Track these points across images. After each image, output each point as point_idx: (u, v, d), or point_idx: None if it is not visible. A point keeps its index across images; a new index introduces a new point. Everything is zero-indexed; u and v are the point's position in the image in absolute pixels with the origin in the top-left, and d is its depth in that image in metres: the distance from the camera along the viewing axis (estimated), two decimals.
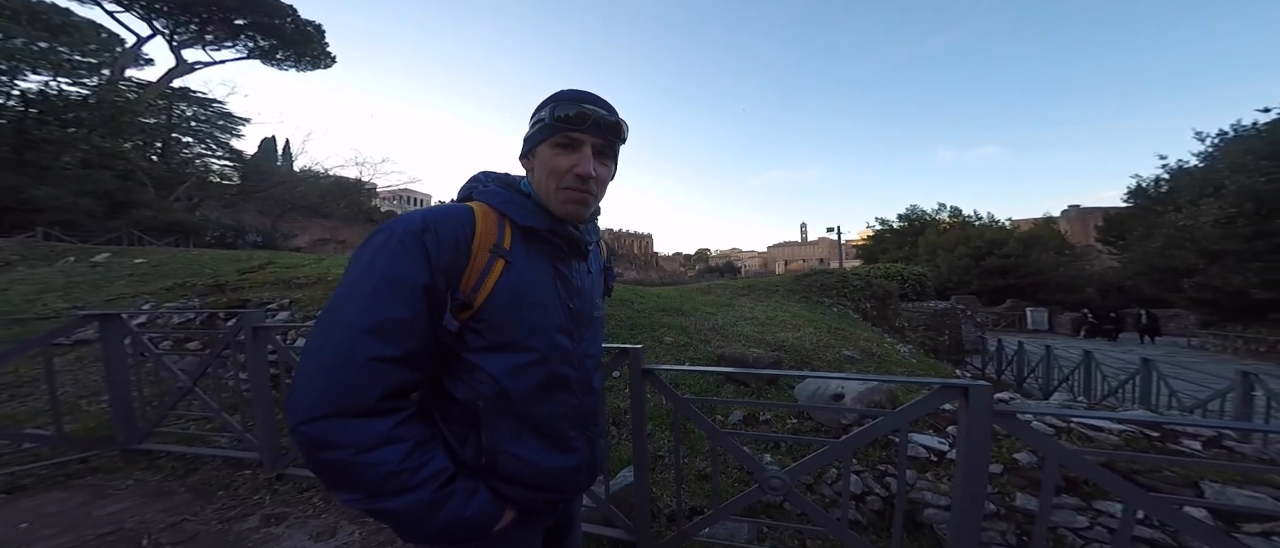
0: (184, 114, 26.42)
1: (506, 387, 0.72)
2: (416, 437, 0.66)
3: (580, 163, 0.75)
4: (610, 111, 0.78)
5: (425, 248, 0.67)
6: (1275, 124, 14.69)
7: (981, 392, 1.31)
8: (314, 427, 0.61)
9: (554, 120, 0.76)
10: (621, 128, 0.79)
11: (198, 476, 2.60)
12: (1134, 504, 1.22)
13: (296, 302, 5.23)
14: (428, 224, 0.69)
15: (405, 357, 0.65)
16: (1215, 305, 16.31)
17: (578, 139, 0.75)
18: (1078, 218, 43.55)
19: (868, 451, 2.28)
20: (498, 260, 0.73)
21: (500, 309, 0.72)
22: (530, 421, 0.75)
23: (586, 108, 0.75)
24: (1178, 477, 1.76)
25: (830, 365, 4.06)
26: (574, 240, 0.81)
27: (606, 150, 0.79)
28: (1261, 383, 3.86)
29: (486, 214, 0.76)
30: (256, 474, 2.54)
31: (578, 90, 0.79)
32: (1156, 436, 1.99)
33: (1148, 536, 1.61)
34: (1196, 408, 4.80)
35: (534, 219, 0.77)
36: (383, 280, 0.65)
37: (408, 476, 0.64)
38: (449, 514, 0.66)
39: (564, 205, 0.78)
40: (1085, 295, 25.10)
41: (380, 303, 0.64)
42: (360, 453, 0.62)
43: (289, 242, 28.01)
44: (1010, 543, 1.79)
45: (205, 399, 2.83)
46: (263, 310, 4.91)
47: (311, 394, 0.62)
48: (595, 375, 0.88)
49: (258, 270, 7.10)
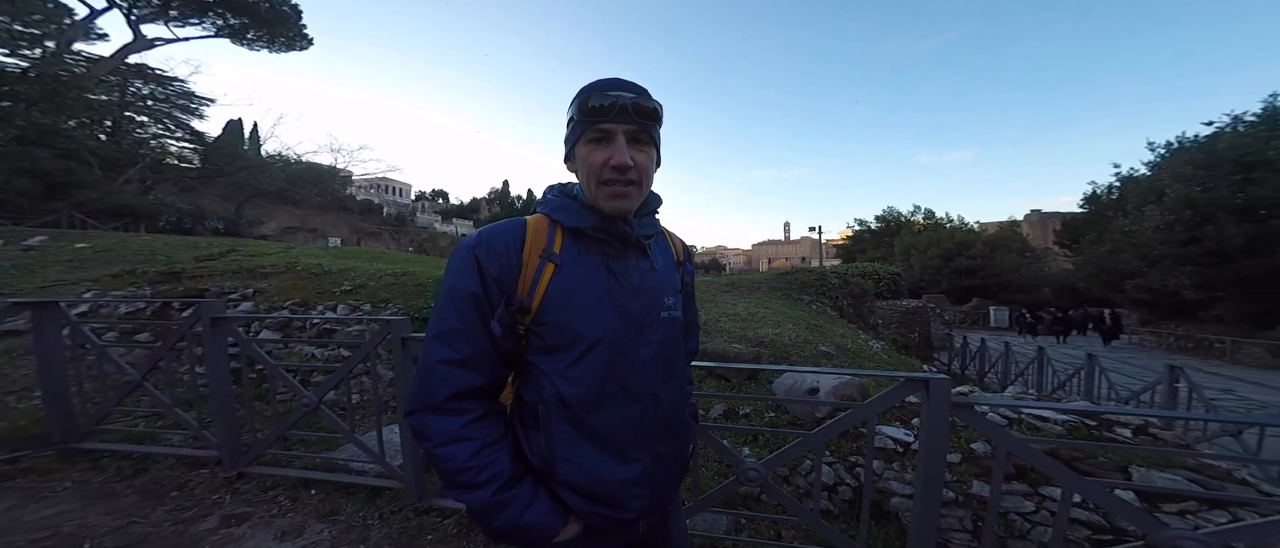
0: (139, 92, 24.47)
1: (562, 389, 0.74)
2: (484, 437, 0.73)
3: (615, 154, 0.73)
4: (639, 94, 0.74)
5: (477, 260, 0.74)
6: (1212, 138, 15.88)
7: (941, 385, 1.39)
8: (410, 420, 0.74)
9: (582, 116, 0.74)
10: (651, 111, 0.75)
11: (147, 476, 2.46)
12: (1070, 488, 1.32)
13: (261, 292, 4.98)
14: (481, 238, 0.77)
15: (465, 360, 0.73)
16: (1153, 305, 17.64)
17: (609, 131, 0.74)
18: (1039, 222, 46.02)
19: (840, 442, 2.36)
20: (548, 265, 0.76)
21: (552, 311, 0.75)
22: (587, 427, 0.75)
23: (611, 94, 0.73)
24: (1111, 462, 1.91)
25: (808, 360, 4.18)
26: (624, 237, 0.79)
27: (642, 136, 0.76)
28: (1185, 376, 4.22)
29: (539, 223, 0.80)
30: (215, 473, 2.43)
31: (603, 79, 0.76)
32: (1094, 424, 2.15)
33: (1085, 517, 1.74)
34: (1131, 399, 5.19)
35: (580, 220, 0.78)
36: (447, 293, 0.75)
37: (473, 474, 0.71)
38: (507, 518, 0.72)
39: (609, 202, 0.76)
40: (1042, 296, 26.67)
41: (444, 313, 0.74)
42: (437, 447, 0.72)
43: (254, 229, 26.58)
44: (967, 529, 1.89)
45: (156, 395, 2.68)
46: (223, 300, 4.67)
47: (412, 392, 0.75)
48: (664, 384, 0.81)
49: (218, 258, 6.71)
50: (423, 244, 37.56)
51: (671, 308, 0.85)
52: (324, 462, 2.54)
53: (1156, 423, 2.19)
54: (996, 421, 2.17)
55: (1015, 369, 9.09)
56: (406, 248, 33.56)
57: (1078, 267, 24.16)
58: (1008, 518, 1.87)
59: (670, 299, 0.85)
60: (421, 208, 62.35)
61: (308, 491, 2.30)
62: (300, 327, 4.35)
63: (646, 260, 0.83)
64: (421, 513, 2.11)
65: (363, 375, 3.70)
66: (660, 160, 0.82)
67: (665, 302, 0.84)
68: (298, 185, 30.88)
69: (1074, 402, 5.36)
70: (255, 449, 2.46)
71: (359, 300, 4.80)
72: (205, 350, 2.46)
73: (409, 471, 2.18)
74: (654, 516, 0.85)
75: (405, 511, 2.13)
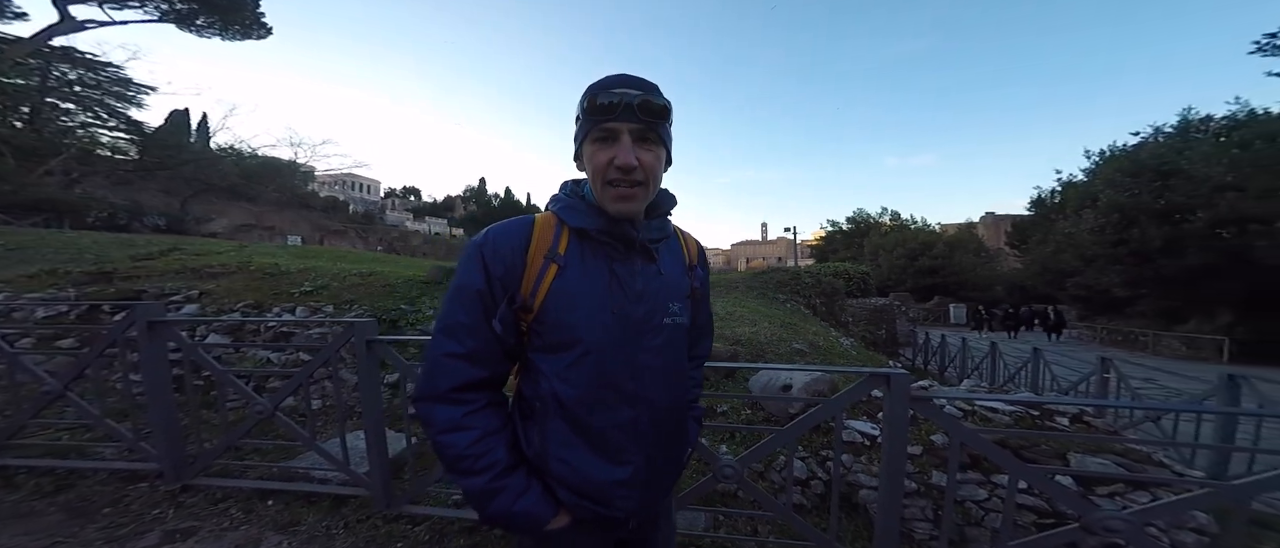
0: (65, 76, 22.16)
1: (558, 389, 0.76)
2: (485, 427, 0.76)
3: (619, 153, 0.72)
4: (648, 91, 0.73)
5: (483, 258, 0.76)
6: (1138, 147, 17.47)
7: (901, 380, 1.46)
8: (417, 407, 0.77)
9: (588, 114, 0.73)
10: (660, 108, 0.73)
11: (73, 492, 2.25)
12: (1017, 475, 1.42)
13: (209, 294, 4.65)
14: (488, 237, 0.78)
15: (469, 353, 0.75)
16: (1089, 301, 19.23)
17: (614, 129, 0.72)
18: (993, 224, 49.05)
19: (812, 437, 2.44)
20: (551, 265, 0.76)
21: (552, 311, 0.76)
22: (583, 427, 0.76)
23: (616, 93, 0.71)
24: (1052, 449, 2.06)
25: (782, 358, 4.29)
26: (628, 240, 0.78)
27: (650, 135, 0.74)
28: (1114, 367, 4.63)
29: (547, 221, 0.80)
30: (155, 487, 2.25)
31: (610, 76, 0.75)
32: (1037, 414, 2.32)
33: (1031, 503, 1.86)
34: (1070, 389, 5.64)
35: (585, 220, 0.78)
36: (455, 289, 0.77)
37: (471, 461, 0.74)
38: (500, 505, 0.75)
39: (614, 204, 0.76)
40: (996, 293, 28.52)
41: (451, 308, 0.77)
42: (439, 433, 0.75)
43: (202, 226, 24.71)
44: (929, 518, 1.99)
45: (82, 405, 2.45)
46: (163, 303, 4.32)
47: (418, 381, 0.78)
48: (663, 390, 0.81)
49: (158, 257, 6.20)
50: (393, 243, 36.01)
51: (676, 314, 0.84)
52: (282, 471, 2.40)
53: (1090, 412, 2.39)
54: (953, 413, 2.30)
55: (971, 364, 9.67)
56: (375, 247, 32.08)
57: (1026, 266, 25.98)
58: (965, 506, 1.99)
59: (675, 305, 0.84)
60: (391, 205, 59.93)
61: (264, 502, 2.18)
62: (254, 330, 4.09)
63: (653, 265, 0.82)
64: (390, 521, 2.04)
65: (325, 380, 3.52)
66: (670, 159, 0.80)
67: (670, 308, 0.83)
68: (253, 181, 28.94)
69: (1020, 394, 5.77)
70: (202, 460, 2.30)
71: (320, 302, 4.56)
72: (141, 357, 2.27)
73: (376, 477, 2.09)
74: (643, 516, 0.85)
75: (373, 519, 2.05)
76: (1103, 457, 2.01)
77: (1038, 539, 1.45)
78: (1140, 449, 2.12)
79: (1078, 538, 1.42)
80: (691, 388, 0.96)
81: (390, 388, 3.40)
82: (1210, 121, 15.91)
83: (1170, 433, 3.81)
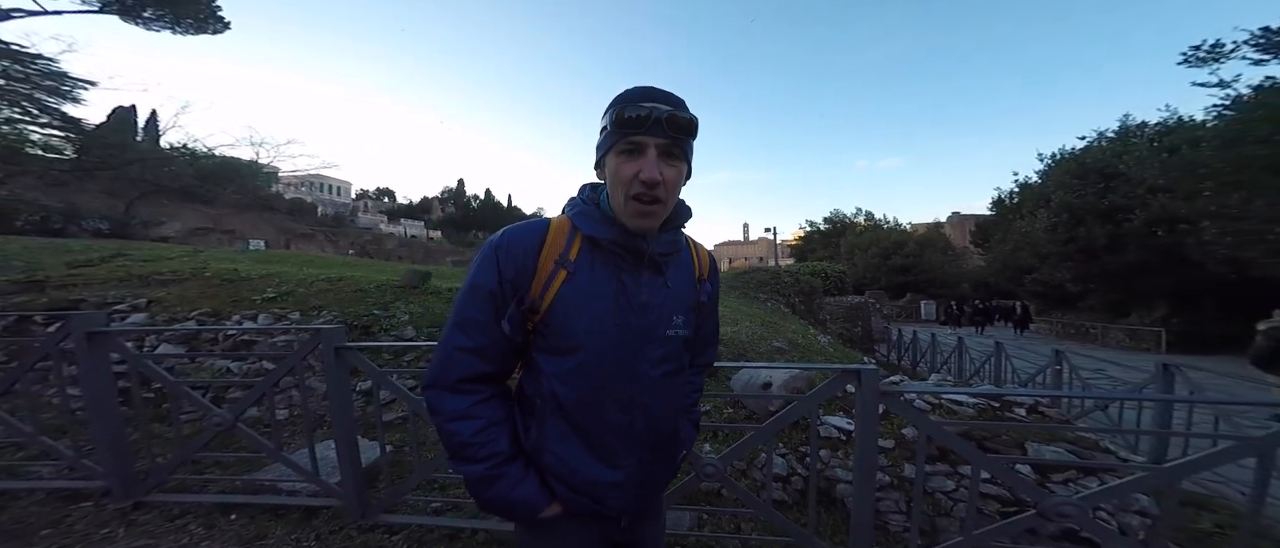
0: None
1: (557, 390, 0.79)
2: (488, 418, 0.79)
3: (644, 167, 0.72)
4: (676, 106, 0.74)
5: (497, 260, 0.78)
6: (1084, 150, 18.68)
7: (871, 375, 1.52)
8: (426, 394, 0.81)
9: (615, 126, 0.74)
10: (688, 124, 0.74)
11: (6, 515, 2.08)
12: (978, 466, 1.49)
13: (159, 302, 4.35)
14: (504, 239, 0.80)
15: (479, 348, 0.79)
16: (1046, 297, 20.44)
17: (641, 143, 0.73)
18: (959, 223, 51.36)
19: (792, 434, 2.49)
20: (561, 270, 0.78)
21: (558, 315, 0.78)
22: (579, 428, 0.79)
23: (645, 106, 0.72)
24: (1012, 439, 2.19)
25: (763, 356, 4.37)
26: (638, 252, 0.79)
27: (675, 150, 0.75)
28: (1066, 359, 4.94)
29: (561, 226, 0.82)
30: (102, 506, 2.11)
31: (639, 88, 0.75)
32: (998, 405, 2.45)
33: (995, 492, 1.96)
34: (1028, 381, 5.98)
35: (598, 229, 0.79)
36: (469, 287, 0.80)
37: (474, 449, 0.77)
38: (497, 492, 0.78)
39: (633, 218, 0.77)
40: (962, 290, 29.95)
41: (464, 304, 0.79)
42: (446, 421, 0.79)
43: (151, 230, 23.02)
44: (902, 510, 2.06)
45: (12, 422, 2.27)
46: (106, 312, 4.02)
47: (430, 368, 0.81)
48: (660, 399, 0.83)
49: (99, 264, 5.75)
50: (366, 247, 34.54)
51: (679, 327, 0.86)
52: (246, 484, 2.29)
53: (1044, 402, 2.54)
54: (922, 406, 2.40)
55: (940, 358, 10.12)
56: (346, 251, 30.70)
57: (988, 263, 27.33)
58: (934, 497, 2.07)
59: (679, 318, 0.86)
60: (363, 207, 57.68)
61: (226, 516, 2.07)
62: (212, 339, 3.86)
63: (661, 278, 0.83)
64: (365, 531, 1.97)
65: (292, 390, 3.36)
66: (691, 172, 0.81)
67: (673, 320, 0.84)
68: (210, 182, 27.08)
69: (982, 386, 6.08)
70: (155, 476, 2.17)
71: (285, 308, 4.34)
72: (80, 370, 2.11)
73: (349, 487, 2.02)
74: (634, 514, 0.88)
75: (346, 529, 1.98)
76: (1057, 445, 2.14)
77: (1000, 527, 1.53)
78: (1089, 437, 2.27)
79: (1036, 524, 1.51)
80: (691, 393, 0.99)
81: (363, 395, 3.27)
82: (1145, 127, 17.19)
83: (1116, 420, 4.10)
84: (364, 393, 3.30)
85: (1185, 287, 14.23)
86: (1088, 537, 1.60)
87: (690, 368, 0.96)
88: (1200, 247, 12.14)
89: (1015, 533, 1.52)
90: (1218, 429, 3.14)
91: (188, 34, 22.45)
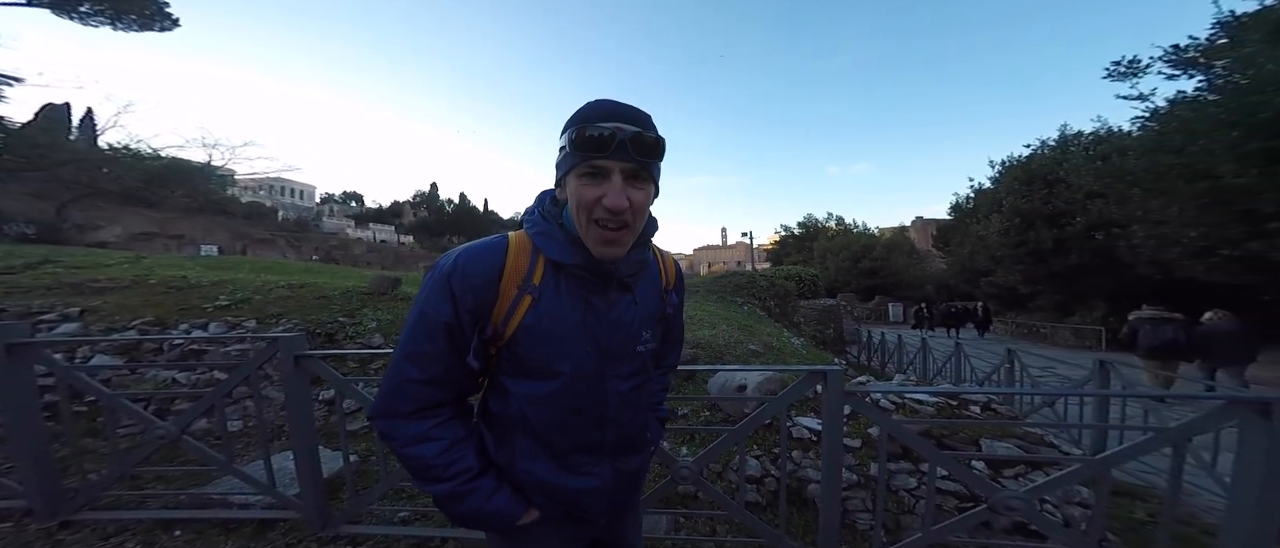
0: None
1: (527, 411, 0.77)
2: (451, 437, 0.76)
3: (609, 194, 0.67)
4: (642, 125, 0.68)
5: (451, 290, 0.72)
6: (1030, 157, 20.00)
7: (835, 376, 1.57)
8: (377, 423, 0.78)
9: (575, 147, 0.67)
10: (654, 144, 0.69)
11: None
12: (935, 463, 1.57)
13: (94, 311, 4.01)
14: (457, 266, 0.74)
15: (431, 379, 0.75)
16: (1001, 298, 21.70)
17: (603, 167, 0.67)
18: (922, 227, 53.77)
19: (765, 435, 2.54)
20: (525, 296, 0.74)
21: (525, 343, 0.75)
22: (547, 443, 0.78)
23: (607, 127, 0.65)
24: (969, 436, 2.31)
25: (739, 359, 4.43)
26: (606, 275, 0.76)
27: (642, 173, 0.70)
28: (1017, 358, 5.26)
29: (521, 246, 0.77)
30: (22, 526, 1.95)
31: (601, 104, 0.69)
32: (956, 404, 2.59)
33: (953, 488, 2.06)
34: (984, 379, 6.33)
35: (563, 254, 0.74)
36: (418, 317, 0.74)
37: (440, 469, 0.75)
38: (471, 506, 0.77)
39: (599, 246, 0.72)
40: (926, 292, 31.42)
41: (414, 335, 0.74)
42: (405, 446, 0.76)
43: (87, 235, 21.18)
44: (868, 508, 2.13)
45: None
46: (31, 322, 3.68)
47: (378, 398, 0.77)
48: (631, 413, 0.83)
49: (22, 271, 5.25)
50: (331, 252, 32.87)
51: (647, 342, 0.84)
52: (192, 498, 2.15)
53: (996, 400, 2.70)
54: (887, 406, 2.50)
55: (905, 358, 10.57)
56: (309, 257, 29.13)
57: (949, 266, 28.79)
58: (898, 495, 2.16)
59: (647, 333, 0.84)
60: (329, 211, 54.95)
61: (169, 532, 1.95)
62: (155, 349, 3.59)
63: (629, 295, 0.81)
64: (325, 543, 1.89)
65: (246, 400, 3.16)
66: (658, 192, 0.76)
67: (642, 336, 0.83)
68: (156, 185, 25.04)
69: (940, 386, 6.39)
70: (87, 492, 2.01)
71: (241, 316, 4.09)
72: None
73: (309, 498, 1.92)
74: (613, 514, 0.88)
75: (306, 542, 1.89)
76: (1007, 441, 2.28)
77: (956, 521, 1.61)
78: (1036, 432, 2.43)
79: (989, 518, 1.60)
80: (657, 392, 0.99)
81: (326, 405, 3.12)
82: (1081, 136, 18.57)
83: (1062, 416, 4.40)
84: (326, 402, 3.14)
85: (1121, 288, 15.40)
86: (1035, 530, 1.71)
87: (656, 369, 0.96)
88: (1130, 249, 13.17)
89: (970, 527, 1.60)
90: (1146, 422, 3.41)
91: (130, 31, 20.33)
